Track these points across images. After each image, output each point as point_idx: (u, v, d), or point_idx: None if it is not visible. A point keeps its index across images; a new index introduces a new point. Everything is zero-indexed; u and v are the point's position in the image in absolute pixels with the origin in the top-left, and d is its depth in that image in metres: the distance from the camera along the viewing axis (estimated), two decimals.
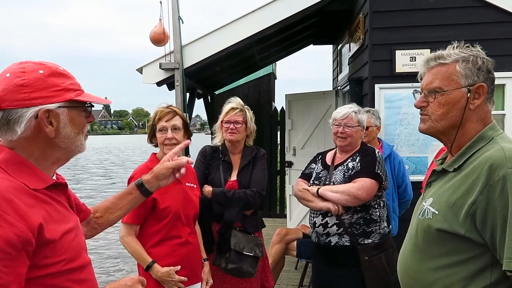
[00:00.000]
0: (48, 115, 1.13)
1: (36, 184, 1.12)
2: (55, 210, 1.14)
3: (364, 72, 4.15)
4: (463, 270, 1.29)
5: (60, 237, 1.10)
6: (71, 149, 1.20)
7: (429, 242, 1.37)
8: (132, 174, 2.27)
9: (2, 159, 1.11)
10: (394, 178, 3.27)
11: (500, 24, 3.73)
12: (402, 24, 3.80)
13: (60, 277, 1.10)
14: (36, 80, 1.12)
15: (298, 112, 6.49)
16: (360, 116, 2.66)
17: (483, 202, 1.23)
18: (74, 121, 1.18)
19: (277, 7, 4.39)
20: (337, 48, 6.61)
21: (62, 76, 1.17)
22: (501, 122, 3.79)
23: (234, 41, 4.48)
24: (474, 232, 1.25)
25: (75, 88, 1.19)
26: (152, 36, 4.50)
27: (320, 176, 2.69)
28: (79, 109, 1.20)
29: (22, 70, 1.13)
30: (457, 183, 1.32)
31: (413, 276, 1.44)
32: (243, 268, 2.59)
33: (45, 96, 1.12)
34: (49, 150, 1.17)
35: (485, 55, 1.39)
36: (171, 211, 2.23)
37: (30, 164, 1.14)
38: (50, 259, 1.07)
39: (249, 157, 2.79)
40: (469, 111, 1.36)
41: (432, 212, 1.36)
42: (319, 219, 2.59)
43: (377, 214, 2.56)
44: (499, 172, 1.21)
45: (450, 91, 1.36)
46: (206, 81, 6.26)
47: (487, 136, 1.35)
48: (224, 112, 2.77)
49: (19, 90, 1.10)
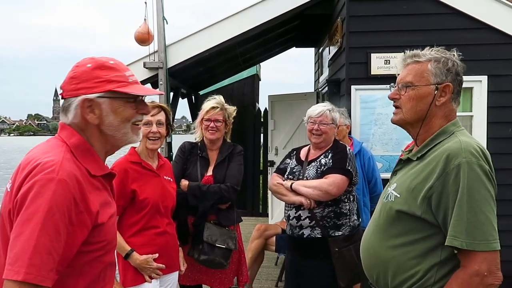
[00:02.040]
0: (90, 104, 1.25)
1: (96, 171, 1.26)
2: (105, 195, 1.29)
3: (341, 74, 4.31)
4: (417, 248, 1.44)
5: (107, 220, 1.25)
6: (118, 137, 1.31)
7: (389, 223, 1.52)
8: (112, 167, 2.34)
9: (72, 143, 1.25)
10: (364, 173, 3.42)
11: (469, 31, 3.93)
12: (377, 28, 3.98)
13: (98, 257, 1.24)
14: (83, 72, 1.26)
15: (281, 112, 6.64)
16: (334, 114, 2.79)
17: (439, 187, 1.38)
18: (117, 111, 1.28)
19: (258, 10, 4.53)
20: (318, 51, 6.79)
21: (108, 69, 1.27)
22: (469, 123, 3.99)
23: (217, 42, 4.60)
24: (429, 213, 1.41)
25: (120, 80, 1.27)
26: (136, 36, 4.58)
27: (294, 171, 2.80)
28: (122, 100, 1.28)
29: (77, 64, 1.29)
30: (419, 170, 1.48)
31: (373, 254, 1.58)
32: (215, 260, 2.67)
33: (87, 87, 1.25)
34: (101, 137, 1.30)
35: (458, 60, 1.55)
36: (150, 202, 2.33)
37: (94, 152, 1.29)
38: (96, 238, 1.21)
39: (225, 153, 2.89)
40: (435, 107, 1.51)
41: (394, 196, 1.51)
42: (292, 212, 2.71)
43: (347, 207, 2.69)
44: (454, 161, 1.37)
45: (420, 87, 1.51)
46: (190, 81, 6.36)
47: (448, 131, 1.51)
48: (204, 110, 2.85)
49: (71, 81, 1.27)
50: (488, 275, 1.32)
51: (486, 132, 3.93)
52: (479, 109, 3.95)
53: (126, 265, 2.32)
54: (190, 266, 2.72)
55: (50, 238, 1.08)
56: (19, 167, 1.21)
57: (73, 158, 1.22)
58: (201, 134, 2.91)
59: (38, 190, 1.11)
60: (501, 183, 3.66)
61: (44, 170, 1.13)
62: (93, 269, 1.24)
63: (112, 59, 1.31)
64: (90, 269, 1.23)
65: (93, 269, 1.24)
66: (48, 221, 1.08)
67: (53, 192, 1.10)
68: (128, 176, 2.32)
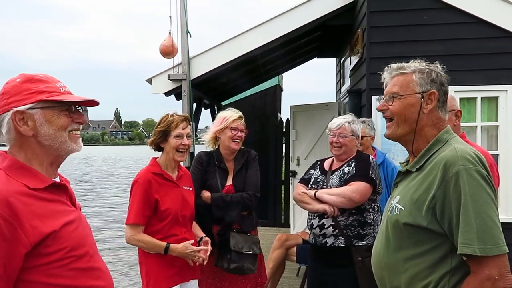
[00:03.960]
0: (22, 117, 1.26)
1: (35, 184, 1.25)
2: (56, 205, 1.28)
3: (362, 84, 4.32)
4: (428, 259, 1.45)
5: (60, 228, 1.23)
6: (56, 146, 1.31)
7: (398, 236, 1.54)
8: (136, 178, 2.44)
9: (5, 166, 1.26)
10: (387, 185, 3.40)
11: (493, 39, 3.88)
12: (398, 39, 3.98)
13: (64, 266, 1.23)
14: (13, 87, 1.28)
15: (302, 123, 6.65)
16: (354, 126, 2.80)
17: (441, 196, 1.40)
18: (51, 120, 1.29)
19: (279, 22, 4.61)
20: (340, 61, 6.80)
21: (37, 81, 1.30)
22: (495, 133, 3.92)
23: (239, 53, 4.70)
24: (435, 223, 1.42)
25: (50, 90, 1.29)
26: (161, 49, 4.73)
27: (318, 181, 2.83)
28: (56, 108, 1.29)
29: (7, 82, 1.31)
30: (419, 181, 1.50)
31: (385, 268, 1.59)
32: (244, 266, 2.73)
33: (18, 99, 1.26)
34: (37, 149, 1.30)
35: (441, 71, 1.59)
36: (171, 213, 2.41)
37: (29, 168, 1.28)
38: (51, 247, 1.20)
39: (242, 161, 2.93)
40: (423, 115, 1.55)
41: (399, 209, 1.53)
42: (316, 221, 2.72)
43: (371, 217, 2.69)
44: (452, 169, 1.39)
45: (406, 96, 1.56)
46: (212, 92, 6.47)
47: (443, 139, 1.53)
48: (230, 120, 2.85)
49: (1, 98, 1.28)
50: (499, 278, 1.32)
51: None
52: (505, 118, 3.88)
53: (149, 271, 2.39)
54: (213, 274, 2.78)
55: None
56: None
57: (7, 177, 1.21)
58: (216, 144, 2.94)
59: None
60: None
61: None
62: (67, 278, 1.23)
63: (42, 73, 1.33)
64: (63, 279, 1.22)
65: (67, 278, 1.23)
66: None
67: None
68: (152, 187, 2.40)
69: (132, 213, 2.36)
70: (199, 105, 5.85)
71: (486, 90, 3.86)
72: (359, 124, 2.87)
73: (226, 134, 2.85)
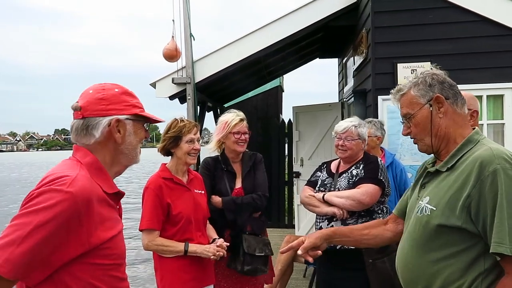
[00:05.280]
0: (118, 124, 1.39)
1: (108, 188, 1.35)
2: (114, 213, 1.38)
3: (367, 85, 4.32)
4: (460, 260, 1.44)
5: (117, 234, 1.34)
6: (131, 156, 1.45)
7: (428, 237, 1.52)
8: (147, 184, 2.45)
9: (87, 162, 1.35)
10: (396, 186, 3.40)
11: (497, 38, 3.89)
12: (403, 38, 3.98)
13: (107, 271, 1.30)
14: (113, 96, 1.40)
15: (305, 123, 6.65)
16: (360, 129, 2.79)
17: (476, 195, 1.39)
18: (137, 132, 1.44)
19: (283, 24, 4.61)
20: (342, 62, 6.81)
21: (131, 96, 1.45)
22: (501, 131, 3.92)
23: (242, 56, 4.70)
24: (469, 223, 1.41)
25: (139, 106, 1.46)
26: (165, 53, 4.72)
27: (325, 183, 2.82)
28: (141, 123, 1.46)
29: (102, 88, 1.41)
30: (451, 180, 1.48)
31: (413, 270, 1.57)
32: (257, 268, 2.77)
33: (118, 108, 1.39)
34: (117, 156, 1.42)
35: (435, 71, 1.61)
36: (183, 217, 2.42)
37: (105, 171, 1.38)
38: (106, 251, 1.28)
39: (249, 163, 2.95)
40: (442, 120, 1.57)
41: (430, 209, 1.52)
42: (325, 224, 2.71)
43: (381, 219, 2.69)
44: (489, 168, 1.38)
45: (416, 112, 1.60)
46: (216, 95, 6.47)
47: (474, 140, 1.53)
48: (232, 124, 2.85)
49: (99, 102, 1.37)
50: None
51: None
52: (510, 116, 3.88)
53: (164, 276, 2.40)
54: (226, 277, 2.79)
55: (36, 241, 1.13)
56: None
57: (87, 175, 1.30)
58: (221, 147, 2.94)
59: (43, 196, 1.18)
60: None
61: (55, 182, 1.21)
62: (104, 284, 1.29)
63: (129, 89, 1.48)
64: (101, 283, 1.28)
65: (104, 284, 1.28)
66: (39, 228, 1.14)
67: (56, 202, 1.16)
68: (163, 192, 2.40)
69: (146, 218, 2.37)
70: (203, 108, 5.85)
71: (491, 88, 3.87)
72: (365, 128, 2.86)
73: (230, 139, 2.86)
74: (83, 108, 1.36)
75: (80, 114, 1.36)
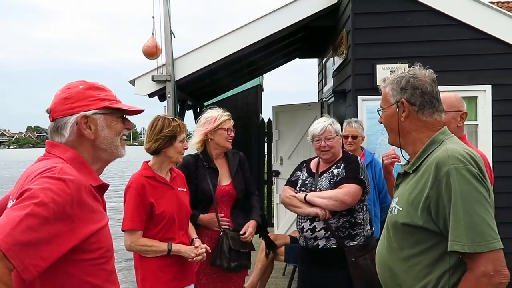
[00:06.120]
0: (86, 121, 1.37)
1: (92, 181, 1.35)
2: (99, 205, 1.37)
3: (347, 85, 4.38)
4: (426, 258, 1.50)
5: (103, 227, 1.33)
6: (110, 150, 1.43)
7: (398, 236, 1.59)
8: (129, 183, 2.40)
9: (68, 157, 1.34)
10: (375, 184, 3.47)
11: (473, 41, 4.01)
12: (382, 40, 4.05)
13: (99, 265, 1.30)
14: (77, 93, 1.39)
15: (285, 123, 6.69)
16: (336, 126, 2.83)
17: (434, 195, 1.46)
18: (110, 125, 1.42)
19: (264, 23, 4.62)
20: (322, 62, 6.87)
21: (98, 89, 1.43)
22: (474, 132, 4.05)
23: (223, 54, 4.68)
24: (430, 222, 1.47)
25: (110, 99, 1.43)
26: (144, 50, 4.66)
27: (306, 183, 2.83)
28: (114, 115, 1.43)
29: (67, 87, 1.41)
30: (415, 182, 1.55)
31: (388, 268, 1.63)
32: (242, 263, 2.83)
33: (83, 105, 1.37)
34: (96, 152, 1.42)
35: (417, 74, 1.64)
36: (166, 215, 2.38)
37: (87, 165, 1.39)
38: (95, 245, 1.28)
39: (236, 161, 2.99)
40: (403, 123, 1.64)
41: (397, 209, 1.59)
42: (307, 224, 2.73)
43: (361, 217, 2.73)
44: (443, 169, 1.44)
45: (386, 108, 1.69)
46: (196, 93, 6.43)
47: (438, 140, 1.59)
48: (220, 120, 2.86)
49: (64, 102, 1.37)
50: (495, 274, 1.36)
51: (491, 141, 3.99)
52: (483, 118, 4.01)
53: (146, 276, 2.37)
54: (207, 274, 2.79)
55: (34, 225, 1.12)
56: (19, 181, 1.30)
57: (73, 170, 1.29)
58: (202, 144, 2.91)
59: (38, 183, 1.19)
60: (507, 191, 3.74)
61: (45, 171, 1.23)
62: (98, 278, 1.30)
63: (99, 83, 1.46)
64: (94, 278, 1.29)
65: (97, 278, 1.29)
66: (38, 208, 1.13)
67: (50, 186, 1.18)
68: (146, 191, 2.37)
69: (128, 219, 2.32)
70: (183, 106, 5.80)
71: (466, 90, 3.98)
72: (337, 124, 2.89)
73: (221, 135, 2.87)
74: (52, 111, 1.38)
75: (50, 117, 1.38)
